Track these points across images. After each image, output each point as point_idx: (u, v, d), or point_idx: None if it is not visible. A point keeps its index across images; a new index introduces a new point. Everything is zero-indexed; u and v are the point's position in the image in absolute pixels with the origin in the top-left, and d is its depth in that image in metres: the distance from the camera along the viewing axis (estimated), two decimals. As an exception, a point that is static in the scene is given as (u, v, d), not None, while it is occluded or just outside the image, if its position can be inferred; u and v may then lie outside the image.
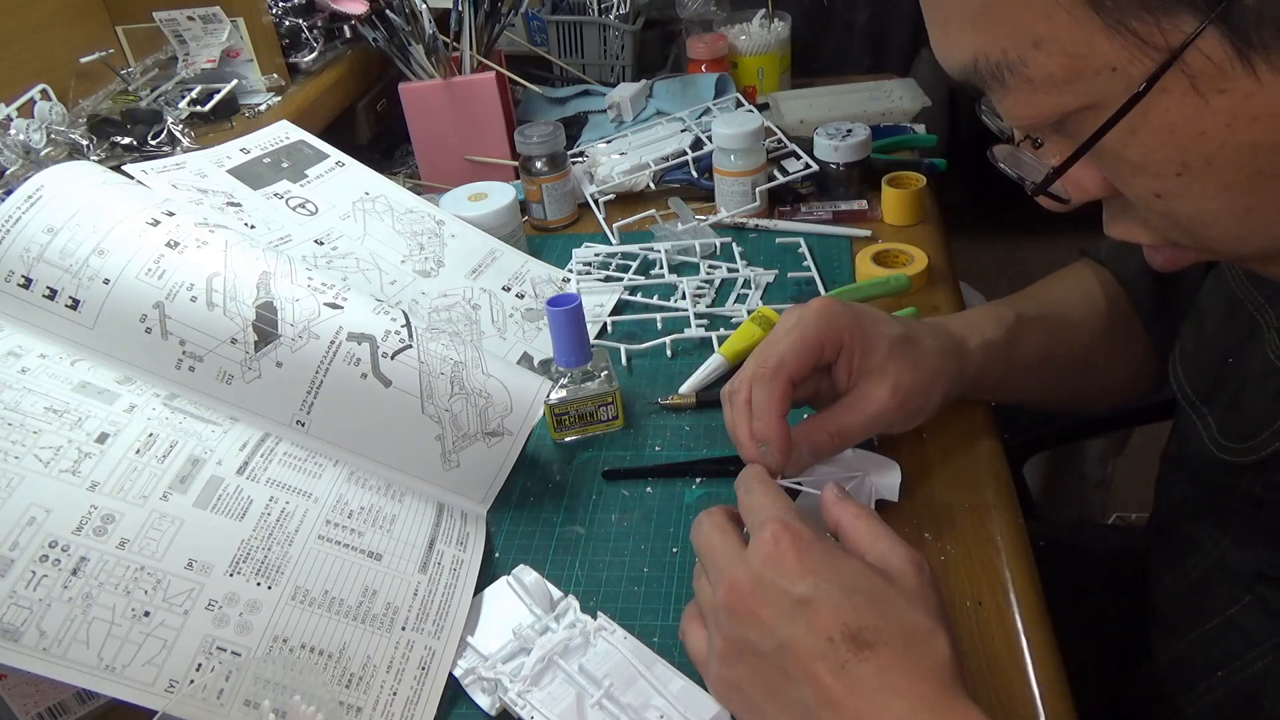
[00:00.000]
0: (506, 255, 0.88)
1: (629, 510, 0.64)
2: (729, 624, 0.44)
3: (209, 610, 0.48)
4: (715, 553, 0.47)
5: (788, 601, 0.42)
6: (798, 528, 0.44)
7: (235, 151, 0.82)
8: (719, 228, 0.96)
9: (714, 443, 0.69)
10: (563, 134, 0.99)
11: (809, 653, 0.40)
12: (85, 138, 0.85)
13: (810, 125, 1.04)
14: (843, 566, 0.43)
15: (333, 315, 0.60)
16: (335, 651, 0.51)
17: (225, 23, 1.01)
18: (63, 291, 0.56)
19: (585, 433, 0.70)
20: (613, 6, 1.23)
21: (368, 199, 0.85)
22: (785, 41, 1.24)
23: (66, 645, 0.44)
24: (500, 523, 0.64)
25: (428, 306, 0.79)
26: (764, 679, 0.43)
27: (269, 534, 0.52)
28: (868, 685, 0.39)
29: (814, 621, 0.41)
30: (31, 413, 0.50)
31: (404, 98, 1.07)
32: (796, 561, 0.43)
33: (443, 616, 0.55)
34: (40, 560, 0.45)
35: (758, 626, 0.43)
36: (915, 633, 0.41)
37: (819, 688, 0.40)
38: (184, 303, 0.57)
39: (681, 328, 0.80)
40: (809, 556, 0.43)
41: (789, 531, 0.44)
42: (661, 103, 1.15)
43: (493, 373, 0.64)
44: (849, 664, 0.40)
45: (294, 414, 0.59)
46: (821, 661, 0.40)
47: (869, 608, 0.41)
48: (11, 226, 0.57)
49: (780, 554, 0.43)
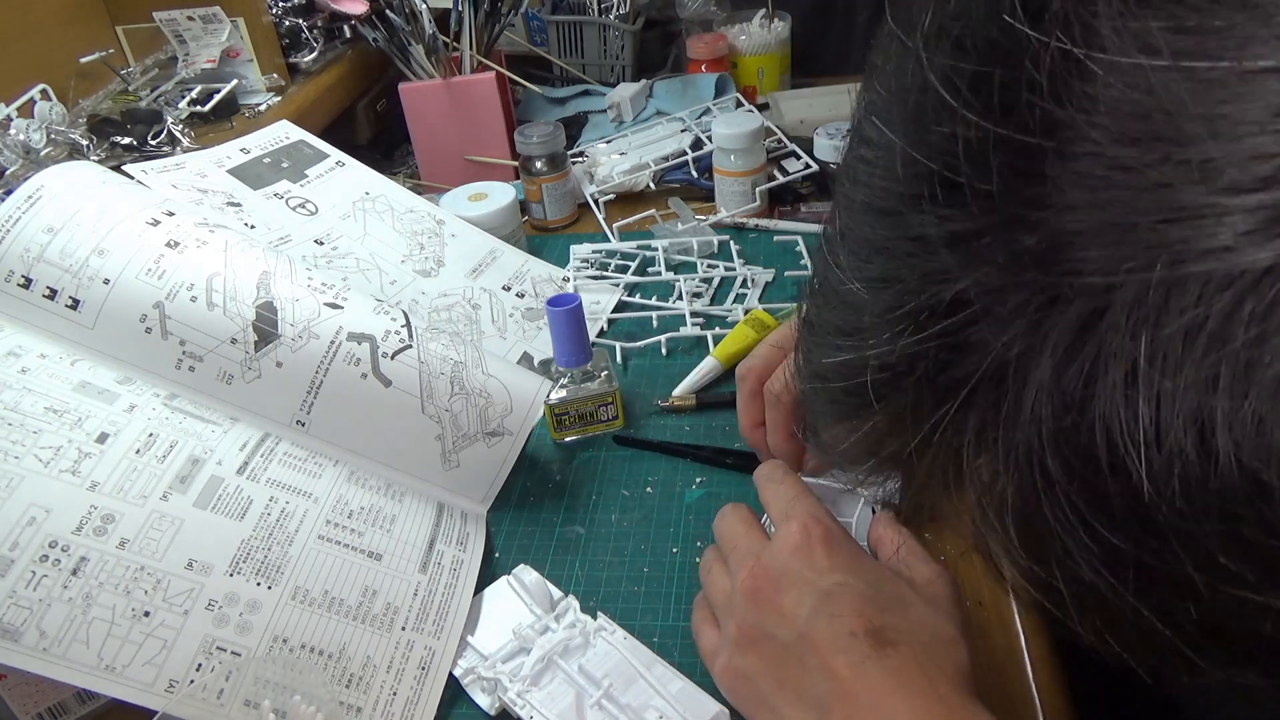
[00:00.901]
0: (507, 254, 0.88)
1: (629, 510, 0.64)
2: (747, 610, 0.44)
3: (209, 610, 0.48)
4: (739, 540, 0.47)
5: (813, 593, 0.42)
6: (829, 523, 0.45)
7: (235, 151, 0.82)
8: (719, 227, 0.96)
9: (714, 444, 0.69)
10: (563, 134, 0.98)
11: (829, 646, 0.40)
12: (85, 138, 0.85)
13: (810, 125, 1.04)
14: (870, 566, 0.44)
15: (333, 315, 0.60)
16: (335, 651, 0.51)
17: (225, 23, 1.01)
18: (63, 291, 0.56)
19: (585, 433, 0.70)
20: (613, 6, 1.23)
21: (368, 199, 0.85)
22: (785, 41, 1.24)
23: (66, 645, 0.44)
24: (500, 523, 0.64)
25: (428, 306, 0.79)
26: (777, 669, 0.43)
27: (269, 534, 0.52)
28: (885, 683, 0.39)
29: (837, 615, 0.41)
30: (31, 413, 0.50)
31: (404, 98, 1.07)
32: (825, 555, 0.43)
33: (443, 616, 0.55)
34: (40, 560, 0.45)
35: (778, 615, 0.43)
36: (938, 637, 0.41)
37: (835, 681, 0.40)
38: (184, 303, 0.57)
39: (677, 326, 0.80)
40: (837, 552, 0.44)
41: (821, 525, 0.44)
42: (661, 103, 1.15)
43: (493, 373, 0.64)
44: (869, 660, 0.40)
45: (294, 414, 0.59)
46: (842, 655, 0.40)
47: (894, 607, 0.42)
48: (11, 226, 0.57)
49: (810, 546, 0.44)
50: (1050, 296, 0.20)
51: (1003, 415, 0.21)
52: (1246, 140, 0.17)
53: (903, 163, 0.23)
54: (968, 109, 0.21)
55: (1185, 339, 0.18)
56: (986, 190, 0.20)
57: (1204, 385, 0.18)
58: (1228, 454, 0.18)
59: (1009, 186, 0.20)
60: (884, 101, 0.24)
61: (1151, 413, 0.18)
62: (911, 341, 0.23)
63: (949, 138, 0.21)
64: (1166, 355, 0.18)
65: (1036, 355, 0.20)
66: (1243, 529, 0.18)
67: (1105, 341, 0.19)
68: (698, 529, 0.61)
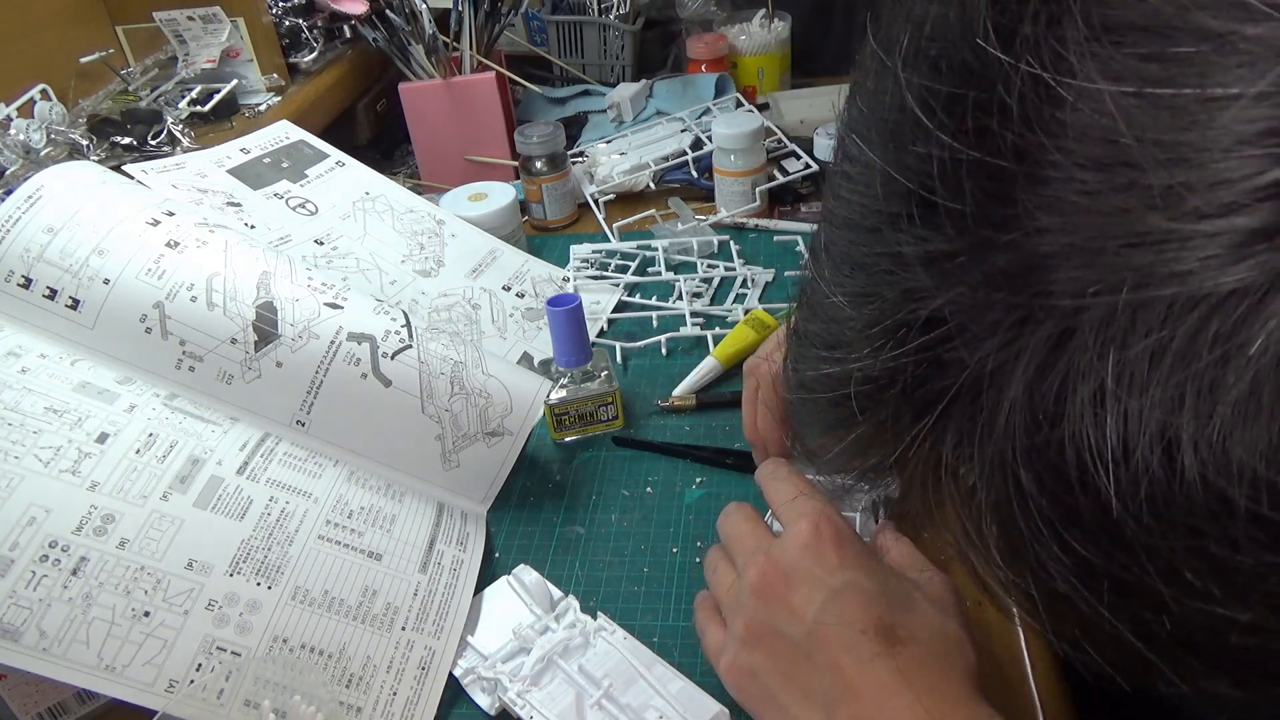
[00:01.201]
0: (507, 254, 0.88)
1: (629, 510, 0.64)
2: (756, 607, 0.44)
3: (209, 610, 0.48)
4: (746, 537, 0.47)
5: (823, 590, 0.42)
6: (839, 522, 0.45)
7: (235, 151, 0.82)
8: (719, 227, 0.96)
9: (714, 444, 0.69)
10: (563, 134, 0.98)
11: (839, 643, 0.41)
12: (85, 138, 0.85)
13: (810, 125, 1.04)
14: (879, 566, 0.44)
15: (333, 315, 0.60)
16: (335, 651, 0.51)
17: (225, 23, 1.01)
18: (63, 291, 0.56)
19: (585, 433, 0.70)
20: (613, 6, 1.23)
21: (368, 199, 0.85)
22: (785, 41, 1.24)
23: (66, 645, 0.44)
24: (500, 523, 0.64)
25: (428, 306, 0.79)
26: (784, 665, 0.43)
27: (269, 534, 0.52)
28: (894, 681, 0.39)
29: (847, 612, 0.41)
30: (31, 413, 0.50)
31: (404, 98, 1.07)
32: (835, 553, 0.43)
33: (443, 616, 0.55)
34: (40, 560, 0.45)
35: (788, 612, 0.43)
36: (945, 637, 0.41)
37: (843, 678, 0.40)
38: (184, 303, 0.57)
39: (677, 326, 0.80)
40: (848, 551, 0.44)
41: (831, 524, 0.45)
42: (661, 103, 1.15)
43: (493, 373, 0.64)
44: (878, 658, 0.40)
45: (294, 414, 0.59)
46: (850, 652, 0.40)
47: (903, 607, 0.42)
48: (11, 226, 0.57)
49: (821, 545, 0.44)
50: (1022, 316, 0.20)
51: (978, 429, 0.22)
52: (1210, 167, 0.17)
53: (882, 181, 0.23)
54: (942, 130, 0.21)
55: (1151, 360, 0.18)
56: (960, 211, 0.21)
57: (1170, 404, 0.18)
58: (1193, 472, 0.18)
59: (981, 209, 0.20)
60: (864, 119, 0.25)
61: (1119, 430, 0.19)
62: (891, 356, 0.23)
63: (925, 158, 0.21)
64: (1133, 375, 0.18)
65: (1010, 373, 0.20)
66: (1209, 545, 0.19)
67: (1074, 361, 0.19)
68: (698, 529, 0.61)
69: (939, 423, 0.23)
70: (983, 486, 0.22)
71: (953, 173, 0.21)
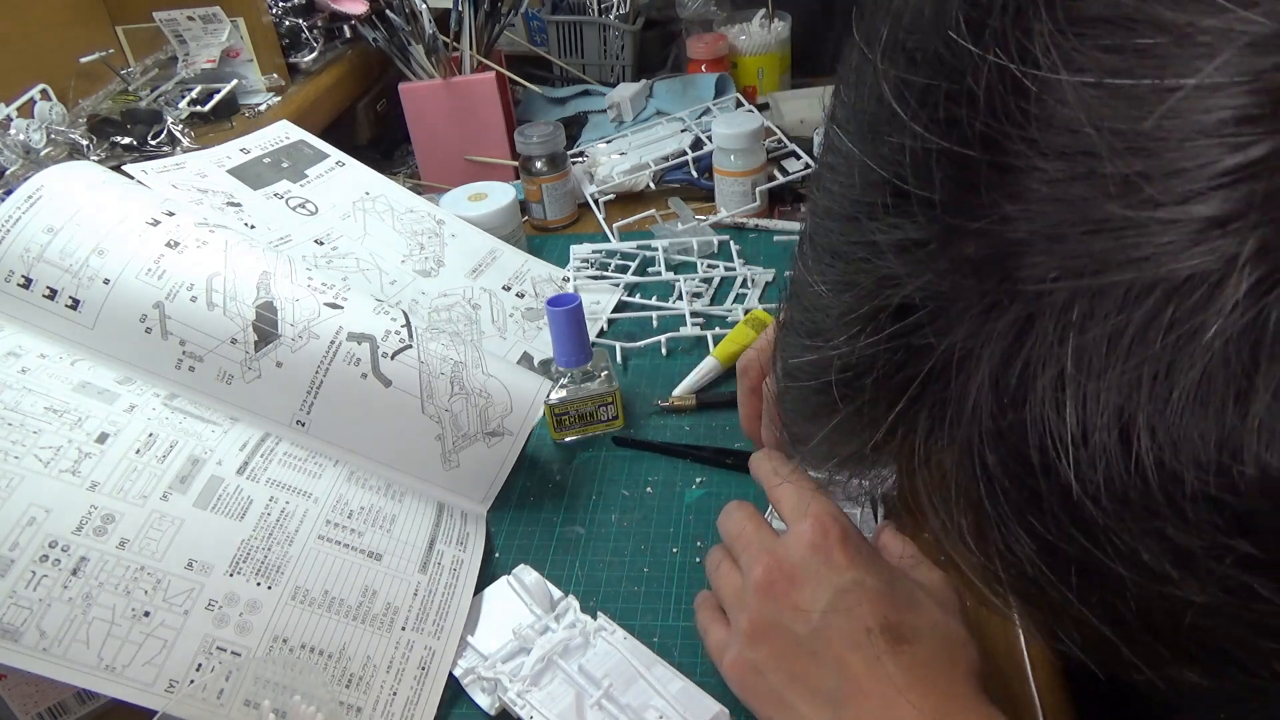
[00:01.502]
0: (507, 254, 0.88)
1: (629, 510, 0.64)
2: (761, 604, 0.44)
3: (209, 610, 0.48)
4: (749, 536, 0.48)
5: (829, 588, 0.43)
6: (845, 522, 0.45)
7: (235, 151, 0.82)
8: (719, 227, 0.96)
9: (714, 444, 0.69)
10: (563, 134, 0.98)
11: (845, 641, 0.41)
12: (85, 138, 0.85)
13: (810, 125, 1.04)
14: (884, 565, 0.45)
15: (333, 315, 0.60)
16: (335, 651, 0.51)
17: (225, 23, 1.01)
18: (63, 291, 0.56)
19: (585, 433, 0.70)
20: (613, 6, 1.23)
21: (368, 199, 0.85)
22: (785, 41, 1.24)
23: (66, 645, 0.44)
24: (500, 523, 0.64)
25: (428, 306, 0.79)
26: (789, 662, 0.43)
27: (269, 534, 0.52)
28: (900, 679, 0.40)
29: (853, 611, 0.42)
30: (31, 413, 0.50)
31: (404, 98, 1.07)
32: (842, 553, 0.44)
33: (443, 616, 0.55)
34: (40, 560, 0.45)
35: (793, 609, 0.43)
36: (950, 636, 0.42)
37: (849, 676, 0.40)
38: (184, 303, 0.57)
39: (677, 326, 0.80)
40: (854, 550, 0.44)
41: (838, 524, 0.45)
42: (661, 103, 1.15)
43: (493, 373, 0.64)
44: (884, 656, 0.40)
45: (294, 414, 0.59)
46: (856, 651, 0.41)
47: (908, 606, 0.42)
48: (11, 226, 0.57)
49: (827, 544, 0.44)
50: (990, 303, 0.20)
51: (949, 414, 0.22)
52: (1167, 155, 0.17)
53: (859, 171, 0.23)
54: (914, 120, 0.21)
55: (1109, 344, 0.18)
56: (931, 200, 0.21)
57: (1126, 388, 0.18)
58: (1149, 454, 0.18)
59: (950, 197, 0.21)
60: (846, 111, 0.25)
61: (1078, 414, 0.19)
62: (867, 343, 0.24)
63: (898, 148, 0.22)
64: (1091, 359, 0.19)
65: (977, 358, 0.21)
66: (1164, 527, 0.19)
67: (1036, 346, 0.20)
68: (698, 529, 0.61)
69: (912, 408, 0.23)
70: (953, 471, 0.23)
71: (924, 162, 0.21)
